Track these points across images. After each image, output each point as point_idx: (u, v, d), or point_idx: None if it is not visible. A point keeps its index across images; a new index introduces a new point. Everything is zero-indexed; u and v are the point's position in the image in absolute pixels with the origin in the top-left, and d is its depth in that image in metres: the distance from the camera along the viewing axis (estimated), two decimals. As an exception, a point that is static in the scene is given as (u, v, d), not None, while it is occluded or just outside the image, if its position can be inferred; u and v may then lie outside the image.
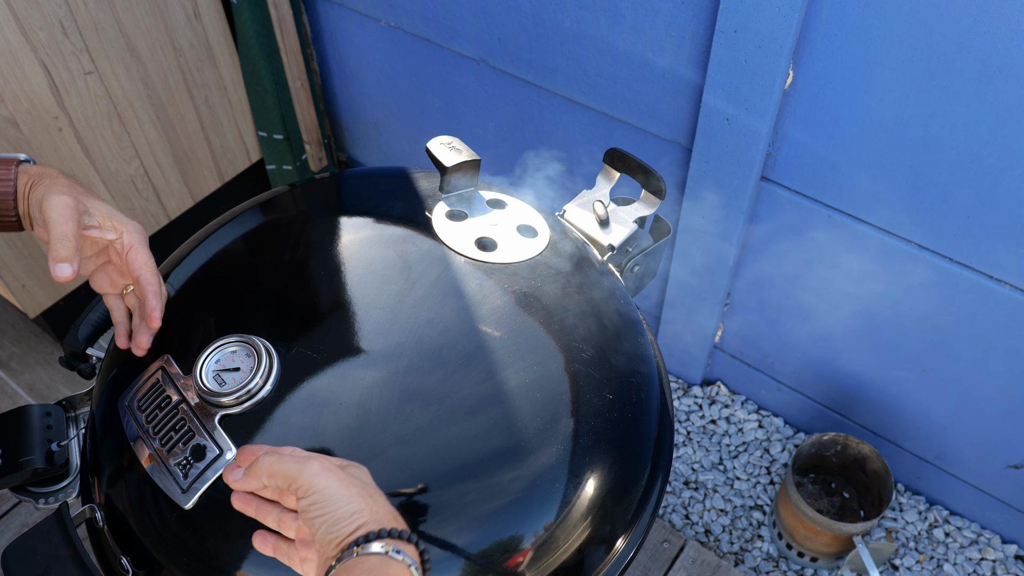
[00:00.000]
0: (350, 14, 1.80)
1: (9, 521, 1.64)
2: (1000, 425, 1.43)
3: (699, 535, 1.67)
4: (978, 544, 1.62)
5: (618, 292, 0.87)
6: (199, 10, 1.76)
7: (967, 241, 1.22)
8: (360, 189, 0.95)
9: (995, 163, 1.11)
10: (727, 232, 1.46)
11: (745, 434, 1.80)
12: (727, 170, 1.36)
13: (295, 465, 0.60)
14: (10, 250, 1.63)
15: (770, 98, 1.22)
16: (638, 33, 1.33)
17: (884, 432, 1.63)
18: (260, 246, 0.87)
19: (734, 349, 1.76)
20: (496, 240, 0.85)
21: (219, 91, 1.89)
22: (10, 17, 1.44)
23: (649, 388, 0.81)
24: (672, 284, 1.67)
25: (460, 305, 0.78)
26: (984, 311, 1.29)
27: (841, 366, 1.59)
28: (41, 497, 0.84)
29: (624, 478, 0.75)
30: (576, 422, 0.73)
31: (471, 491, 0.68)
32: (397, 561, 0.58)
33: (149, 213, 1.88)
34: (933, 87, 1.09)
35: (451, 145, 0.88)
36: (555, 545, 0.69)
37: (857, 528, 1.47)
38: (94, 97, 1.64)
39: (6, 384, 1.86)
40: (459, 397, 0.72)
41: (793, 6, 1.10)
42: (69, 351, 0.88)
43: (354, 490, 0.61)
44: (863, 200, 1.29)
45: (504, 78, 1.61)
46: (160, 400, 0.72)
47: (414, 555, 0.60)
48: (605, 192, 0.98)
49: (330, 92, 2.09)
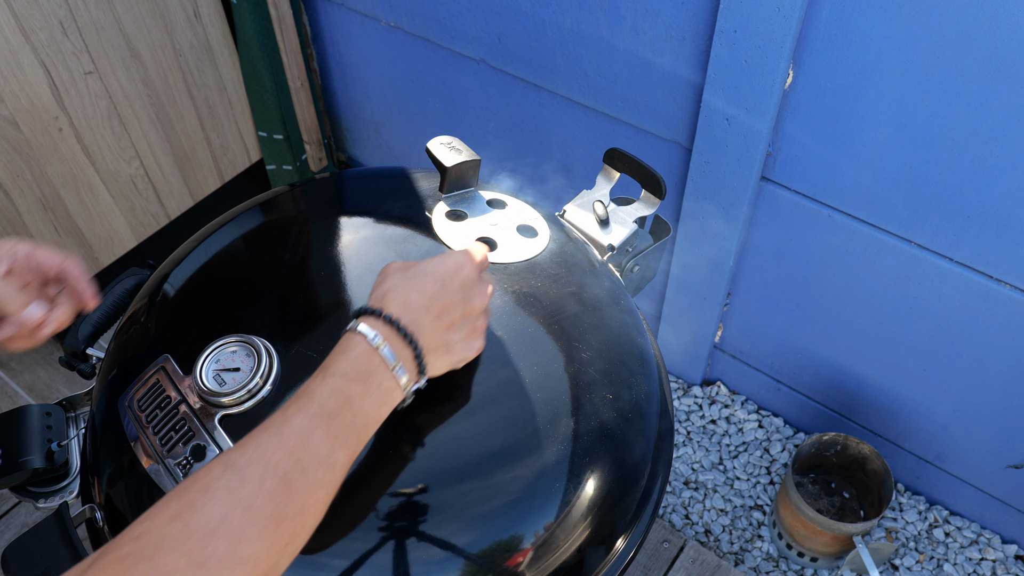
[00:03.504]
0: (350, 14, 1.80)
1: (9, 521, 1.64)
2: (1000, 425, 1.43)
3: (699, 535, 1.67)
4: (978, 544, 1.62)
5: (618, 292, 0.87)
6: (199, 10, 1.76)
7: (967, 241, 1.22)
8: (360, 189, 0.95)
9: (995, 163, 1.11)
10: (727, 232, 1.46)
11: (745, 434, 1.80)
12: (727, 170, 1.36)
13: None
14: (10, 250, 1.63)
15: (770, 98, 1.22)
16: (638, 33, 1.33)
17: (884, 432, 1.63)
18: (260, 246, 0.87)
19: (734, 349, 1.76)
20: (496, 240, 0.85)
21: (219, 91, 1.89)
22: (10, 17, 1.44)
23: (649, 388, 0.81)
24: (672, 284, 1.67)
25: (460, 305, 0.78)
26: (984, 311, 1.29)
27: (841, 366, 1.59)
28: (41, 497, 0.84)
29: (624, 478, 0.75)
30: (576, 422, 0.73)
31: (471, 491, 0.68)
32: (378, 355, 0.59)
33: (149, 213, 1.88)
34: (933, 87, 1.09)
35: (451, 145, 0.88)
36: (555, 545, 0.69)
37: (857, 528, 1.47)
38: (94, 97, 1.64)
39: (6, 384, 1.86)
40: (459, 397, 0.72)
41: (793, 6, 1.10)
42: (69, 351, 0.88)
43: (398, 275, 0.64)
44: (863, 200, 1.29)
45: (504, 78, 1.61)
46: (160, 400, 0.72)
47: (407, 358, 0.60)
48: (605, 192, 0.98)
49: (330, 92, 2.09)
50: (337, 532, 0.64)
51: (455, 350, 0.66)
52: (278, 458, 0.52)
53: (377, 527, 0.65)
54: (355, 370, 0.58)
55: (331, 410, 0.56)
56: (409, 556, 0.65)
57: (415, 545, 0.65)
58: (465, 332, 0.67)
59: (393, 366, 0.60)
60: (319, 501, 0.53)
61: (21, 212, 1.62)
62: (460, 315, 0.65)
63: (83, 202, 1.72)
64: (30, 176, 1.60)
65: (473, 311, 0.67)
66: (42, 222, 1.66)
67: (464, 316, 0.66)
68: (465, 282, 0.66)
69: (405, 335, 0.61)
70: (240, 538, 0.48)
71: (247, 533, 0.48)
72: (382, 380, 0.59)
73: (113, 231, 1.82)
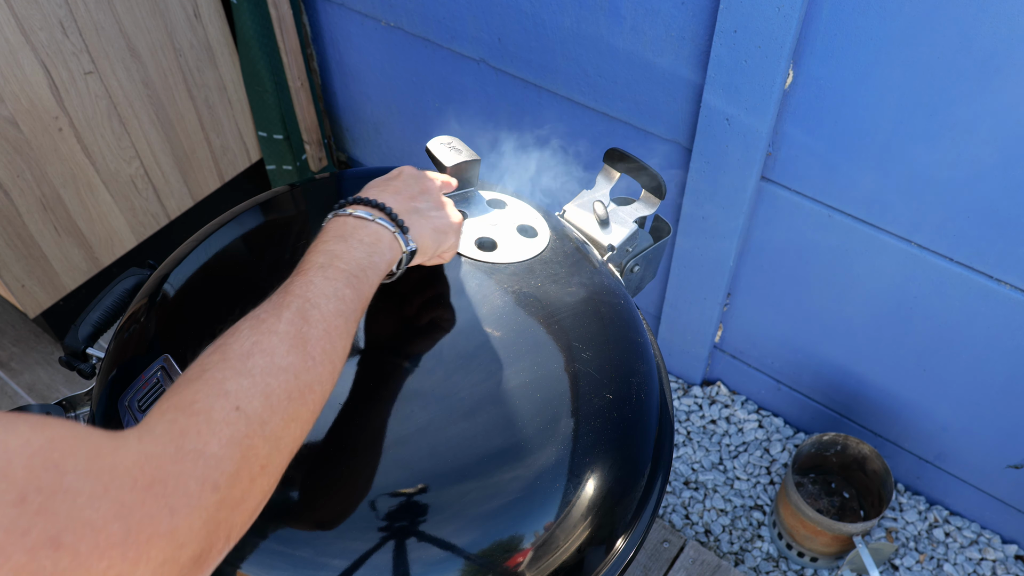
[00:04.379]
0: (350, 14, 1.80)
1: (9, 521, 1.64)
2: (1000, 425, 1.43)
3: (699, 535, 1.67)
4: (978, 544, 1.62)
5: (618, 292, 0.87)
6: (199, 10, 1.76)
7: (967, 241, 1.22)
8: (360, 189, 0.95)
9: (995, 163, 1.11)
10: (727, 232, 1.46)
11: (745, 434, 1.80)
12: (727, 170, 1.36)
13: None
14: (10, 250, 1.63)
15: (770, 98, 1.22)
16: (638, 33, 1.33)
17: (884, 432, 1.63)
18: (260, 246, 0.87)
19: (734, 349, 1.76)
20: (496, 240, 0.85)
21: (219, 91, 1.89)
22: (10, 17, 1.44)
23: (649, 388, 0.81)
24: (672, 284, 1.67)
25: (460, 305, 0.78)
26: (984, 311, 1.29)
27: (841, 366, 1.59)
28: (41, 497, 0.83)
29: (624, 478, 0.75)
30: (576, 422, 0.73)
31: (471, 491, 0.68)
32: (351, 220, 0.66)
33: (149, 213, 1.88)
34: (933, 87, 1.09)
35: (451, 145, 0.88)
36: (555, 545, 0.69)
37: (857, 528, 1.47)
38: (94, 97, 1.64)
39: (6, 384, 1.86)
40: (459, 397, 0.72)
41: (793, 6, 1.10)
42: (69, 351, 0.88)
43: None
44: (863, 200, 1.29)
45: (504, 78, 1.61)
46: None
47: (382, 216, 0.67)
48: (605, 192, 0.98)
49: (330, 92, 2.09)
50: (337, 532, 0.64)
51: (430, 215, 0.72)
52: (288, 301, 0.57)
53: (377, 527, 0.65)
54: (333, 236, 0.64)
55: (322, 264, 0.61)
56: (409, 556, 0.65)
57: (415, 545, 0.65)
58: (431, 203, 0.74)
59: (371, 222, 0.66)
60: (339, 328, 0.58)
61: (21, 212, 1.62)
62: (419, 191, 0.74)
63: (83, 202, 1.72)
64: (30, 176, 1.60)
65: (429, 189, 0.75)
66: (42, 222, 1.66)
67: (423, 192, 0.74)
68: (413, 174, 0.76)
69: (369, 201, 0.68)
70: (274, 353, 0.52)
71: (279, 350, 0.53)
72: (362, 236, 0.64)
73: (113, 231, 1.82)
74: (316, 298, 0.57)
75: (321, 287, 0.58)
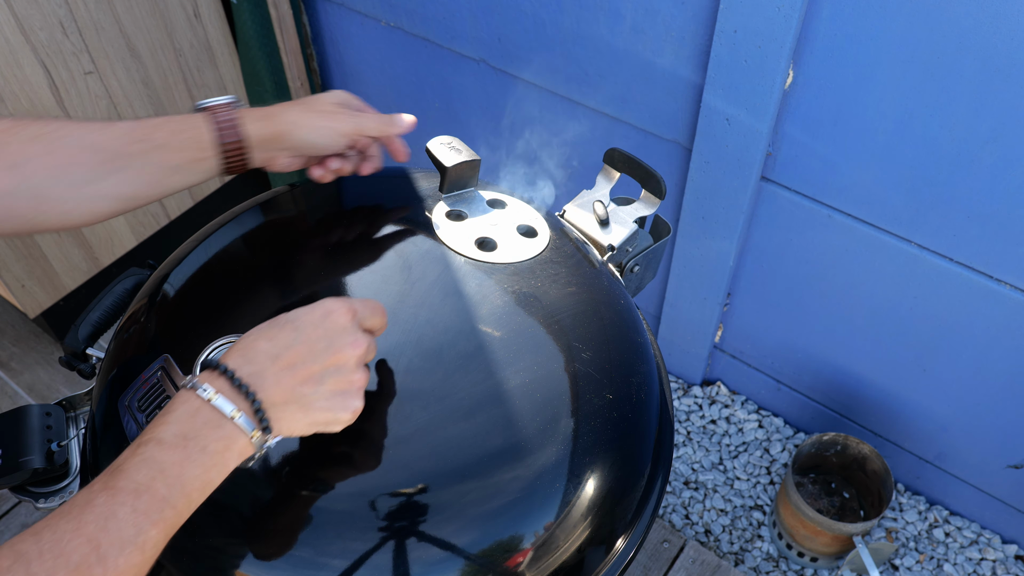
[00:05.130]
0: (350, 14, 1.80)
1: (9, 521, 1.64)
2: (1000, 425, 1.43)
3: (699, 535, 1.67)
4: (978, 544, 1.62)
5: (618, 292, 0.87)
6: (199, 10, 1.76)
7: (967, 241, 1.22)
8: (360, 189, 0.95)
9: (995, 163, 1.11)
10: (727, 232, 1.46)
11: (745, 434, 1.80)
12: (727, 170, 1.36)
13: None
14: (10, 250, 1.63)
15: (770, 98, 1.22)
16: (638, 33, 1.33)
17: (884, 432, 1.63)
18: (260, 246, 0.87)
19: (734, 349, 1.76)
20: (496, 240, 0.85)
21: (219, 91, 1.89)
22: (10, 17, 1.44)
23: (649, 388, 0.81)
24: (672, 284, 1.67)
25: (460, 305, 0.78)
26: (984, 311, 1.29)
27: (841, 366, 1.59)
28: (41, 497, 0.83)
29: (624, 478, 0.75)
30: (576, 422, 0.73)
31: (471, 491, 0.68)
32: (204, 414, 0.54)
33: (149, 213, 1.88)
34: (933, 87, 1.09)
35: (451, 145, 0.88)
36: (555, 545, 0.69)
37: (857, 528, 1.47)
38: (94, 97, 1.64)
39: (6, 384, 1.86)
40: (459, 397, 0.72)
41: (793, 6, 1.10)
42: (69, 351, 0.88)
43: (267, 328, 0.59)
44: (863, 200, 1.29)
45: (504, 78, 1.61)
46: (160, 400, 0.72)
47: (248, 412, 0.55)
48: (605, 192, 0.98)
49: (330, 92, 2.09)
50: (337, 532, 0.64)
51: (315, 407, 0.59)
52: (73, 546, 0.46)
53: (377, 527, 0.65)
54: (172, 435, 0.53)
55: (140, 483, 0.50)
56: (409, 556, 0.65)
57: (415, 545, 0.65)
58: (330, 386, 0.59)
59: (227, 421, 0.54)
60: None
61: (21, 212, 1.61)
62: (321, 366, 0.58)
63: (83, 202, 1.72)
64: (30, 176, 1.60)
65: (341, 361, 0.59)
66: (42, 222, 1.66)
67: (327, 367, 0.59)
68: (331, 330, 0.59)
69: (240, 386, 0.55)
70: None
71: None
72: (207, 443, 0.53)
73: (113, 231, 1.82)
74: (108, 546, 0.48)
75: (122, 527, 0.49)
